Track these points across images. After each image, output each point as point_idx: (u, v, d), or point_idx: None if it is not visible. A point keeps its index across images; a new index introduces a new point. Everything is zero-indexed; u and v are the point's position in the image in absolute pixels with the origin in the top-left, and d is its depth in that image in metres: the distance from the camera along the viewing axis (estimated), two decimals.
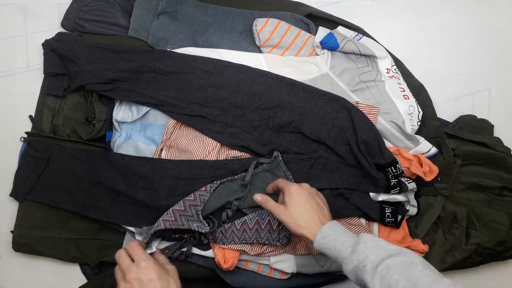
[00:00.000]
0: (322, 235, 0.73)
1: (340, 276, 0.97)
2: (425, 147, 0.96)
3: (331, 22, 1.03)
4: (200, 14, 1.01)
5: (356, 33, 1.01)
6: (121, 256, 0.72)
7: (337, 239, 0.72)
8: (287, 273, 0.94)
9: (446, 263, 0.95)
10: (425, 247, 0.95)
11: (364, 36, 1.01)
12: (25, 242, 0.96)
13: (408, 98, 0.97)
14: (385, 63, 0.99)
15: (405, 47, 1.06)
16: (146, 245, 0.84)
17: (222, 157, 0.93)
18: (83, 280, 1.00)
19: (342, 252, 0.71)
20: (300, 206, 0.76)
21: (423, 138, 0.96)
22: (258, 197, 0.82)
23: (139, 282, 0.68)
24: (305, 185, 0.81)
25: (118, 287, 0.69)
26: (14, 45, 1.04)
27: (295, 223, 0.75)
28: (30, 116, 1.01)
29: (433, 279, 0.62)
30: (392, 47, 1.02)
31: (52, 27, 1.03)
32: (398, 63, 1.02)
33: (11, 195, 0.98)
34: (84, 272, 1.00)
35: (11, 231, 0.97)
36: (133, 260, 0.71)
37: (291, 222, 0.76)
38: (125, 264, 0.70)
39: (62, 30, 1.02)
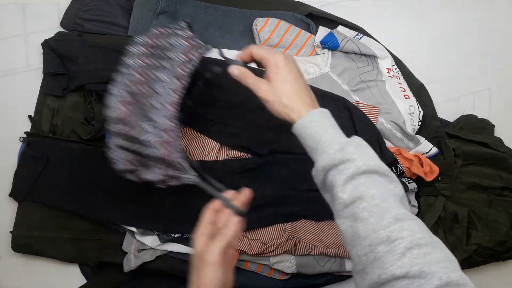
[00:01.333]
0: (311, 119, 0.61)
1: (340, 277, 0.97)
2: (426, 147, 0.96)
3: (332, 21, 1.03)
4: (199, 13, 1.01)
5: (357, 32, 1.01)
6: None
7: (327, 130, 0.60)
8: (287, 274, 0.94)
9: None
10: None
11: (364, 36, 1.01)
12: (24, 243, 0.96)
13: (409, 98, 0.97)
14: (385, 63, 0.99)
15: (405, 47, 1.06)
16: None
17: (221, 157, 0.93)
18: (83, 280, 0.99)
19: (325, 145, 0.59)
20: (288, 82, 0.63)
21: (424, 138, 0.96)
22: (235, 70, 0.68)
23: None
24: (292, 57, 0.66)
25: None
26: (14, 45, 1.04)
27: (280, 101, 0.63)
28: (30, 116, 1.00)
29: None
30: (392, 47, 1.02)
31: (52, 27, 1.03)
32: (398, 62, 1.02)
33: (10, 195, 0.97)
34: (84, 272, 1.00)
35: (10, 232, 0.96)
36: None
37: (275, 100, 0.63)
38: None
39: (62, 29, 1.02)
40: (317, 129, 0.60)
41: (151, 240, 0.93)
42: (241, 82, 0.67)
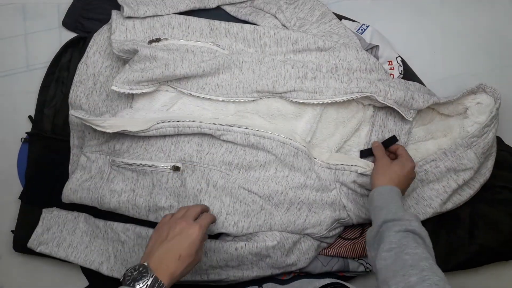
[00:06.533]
0: (387, 189, 0.80)
1: (343, 277, 0.97)
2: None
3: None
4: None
5: (361, 24, 0.99)
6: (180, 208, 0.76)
7: (394, 199, 0.78)
8: (289, 273, 0.94)
9: (450, 263, 0.95)
10: None
11: (369, 27, 0.99)
12: (26, 242, 0.95)
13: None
14: (388, 53, 0.99)
15: (405, 47, 1.06)
16: None
17: None
18: (84, 280, 0.99)
19: (389, 205, 0.76)
20: (394, 174, 0.83)
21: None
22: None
23: (167, 230, 0.70)
24: (411, 169, 0.85)
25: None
26: (14, 45, 1.04)
27: (377, 175, 0.85)
28: (30, 117, 1.00)
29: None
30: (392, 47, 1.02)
31: (52, 27, 1.03)
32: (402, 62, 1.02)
33: (20, 198, 0.97)
34: (85, 272, 0.99)
35: (11, 231, 0.96)
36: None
37: (379, 171, 0.85)
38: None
39: (63, 29, 1.02)
40: (386, 197, 0.79)
41: None
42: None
